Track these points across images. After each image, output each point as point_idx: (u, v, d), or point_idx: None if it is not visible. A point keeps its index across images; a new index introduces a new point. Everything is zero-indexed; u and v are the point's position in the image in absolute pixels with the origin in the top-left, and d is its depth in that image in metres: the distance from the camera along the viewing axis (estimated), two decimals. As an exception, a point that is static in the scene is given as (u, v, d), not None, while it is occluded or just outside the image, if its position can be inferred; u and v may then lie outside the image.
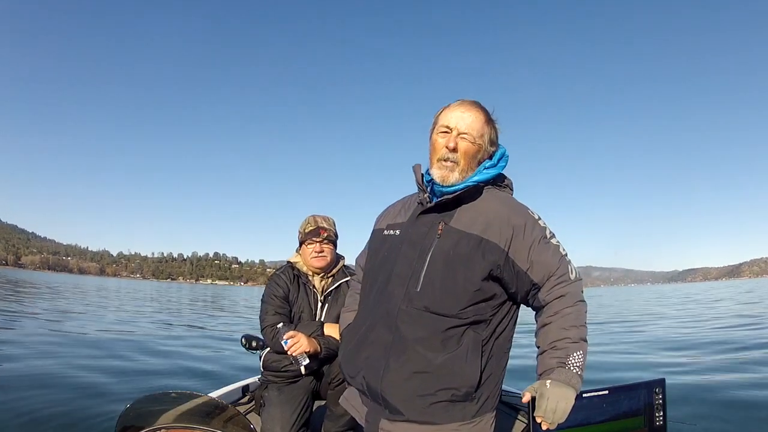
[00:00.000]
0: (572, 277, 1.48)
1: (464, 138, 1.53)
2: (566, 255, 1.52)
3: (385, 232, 1.67)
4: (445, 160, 1.53)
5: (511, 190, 1.69)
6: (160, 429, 1.67)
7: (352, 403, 1.67)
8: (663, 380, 1.57)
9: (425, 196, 1.59)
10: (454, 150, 1.52)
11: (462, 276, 1.44)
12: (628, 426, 1.52)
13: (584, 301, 1.49)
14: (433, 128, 1.61)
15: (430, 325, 1.45)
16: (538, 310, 1.53)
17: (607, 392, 1.50)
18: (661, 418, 1.54)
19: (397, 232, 1.62)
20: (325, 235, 2.45)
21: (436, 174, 1.54)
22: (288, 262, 2.58)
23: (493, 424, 1.52)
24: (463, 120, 1.54)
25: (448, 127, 1.55)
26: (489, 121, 1.59)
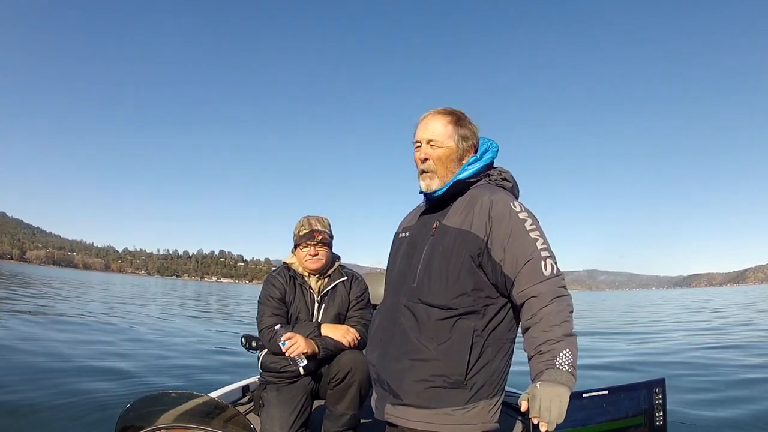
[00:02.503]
0: (546, 273, 1.47)
1: (433, 145, 1.65)
2: (544, 249, 1.51)
3: (401, 234, 1.83)
4: (424, 172, 1.68)
5: (509, 181, 1.74)
6: (160, 429, 1.67)
7: (372, 396, 1.80)
8: (663, 380, 1.55)
9: (423, 200, 1.76)
10: (425, 160, 1.66)
11: (449, 269, 1.56)
12: (628, 426, 1.51)
13: (563, 296, 1.47)
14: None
15: (424, 317, 1.57)
16: (518, 308, 1.54)
17: (607, 392, 1.49)
18: (661, 418, 1.53)
19: (407, 233, 1.78)
20: (320, 238, 2.44)
21: (422, 185, 1.69)
22: (284, 263, 2.57)
23: (493, 409, 1.57)
24: (426, 130, 1.67)
25: (417, 141, 1.69)
26: (454, 121, 1.68)
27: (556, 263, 1.51)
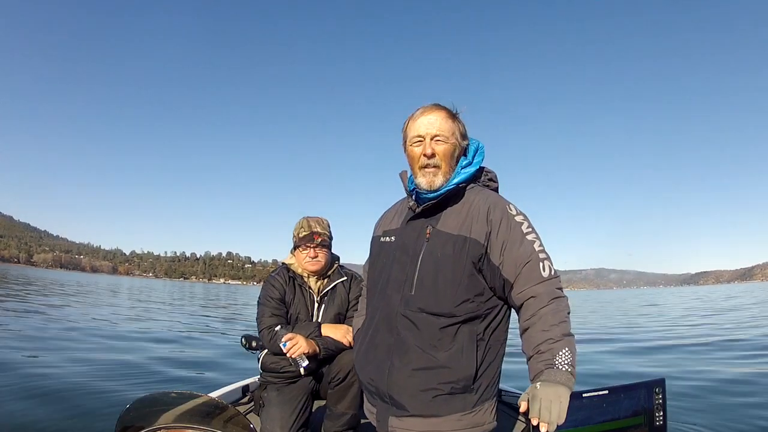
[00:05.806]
0: (545, 275, 1.49)
1: (438, 141, 1.60)
2: (541, 252, 1.52)
3: (382, 239, 1.75)
4: (425, 167, 1.60)
5: (495, 181, 1.75)
6: (160, 429, 1.67)
7: (366, 406, 1.74)
8: (663, 380, 1.54)
9: (412, 202, 1.66)
10: (432, 155, 1.59)
11: (451, 276, 1.52)
12: (628, 426, 1.50)
13: (561, 297, 1.49)
14: (405, 142, 1.68)
15: (426, 325, 1.53)
16: (516, 309, 1.56)
17: (607, 392, 1.48)
18: (661, 418, 1.52)
19: (392, 238, 1.70)
20: (319, 240, 2.44)
21: (423, 182, 1.60)
22: (283, 263, 2.58)
23: (494, 409, 1.59)
24: (431, 124, 1.61)
25: (420, 136, 1.61)
26: (453, 117, 1.65)
27: (552, 265, 1.53)
